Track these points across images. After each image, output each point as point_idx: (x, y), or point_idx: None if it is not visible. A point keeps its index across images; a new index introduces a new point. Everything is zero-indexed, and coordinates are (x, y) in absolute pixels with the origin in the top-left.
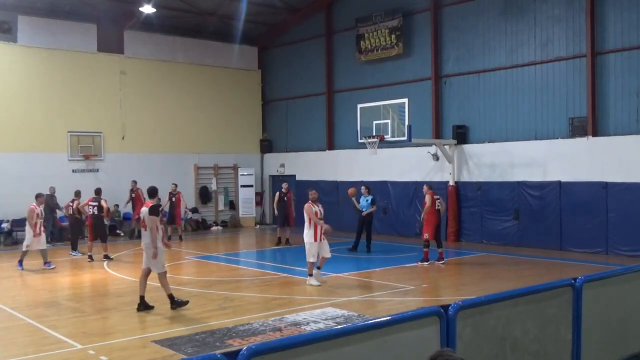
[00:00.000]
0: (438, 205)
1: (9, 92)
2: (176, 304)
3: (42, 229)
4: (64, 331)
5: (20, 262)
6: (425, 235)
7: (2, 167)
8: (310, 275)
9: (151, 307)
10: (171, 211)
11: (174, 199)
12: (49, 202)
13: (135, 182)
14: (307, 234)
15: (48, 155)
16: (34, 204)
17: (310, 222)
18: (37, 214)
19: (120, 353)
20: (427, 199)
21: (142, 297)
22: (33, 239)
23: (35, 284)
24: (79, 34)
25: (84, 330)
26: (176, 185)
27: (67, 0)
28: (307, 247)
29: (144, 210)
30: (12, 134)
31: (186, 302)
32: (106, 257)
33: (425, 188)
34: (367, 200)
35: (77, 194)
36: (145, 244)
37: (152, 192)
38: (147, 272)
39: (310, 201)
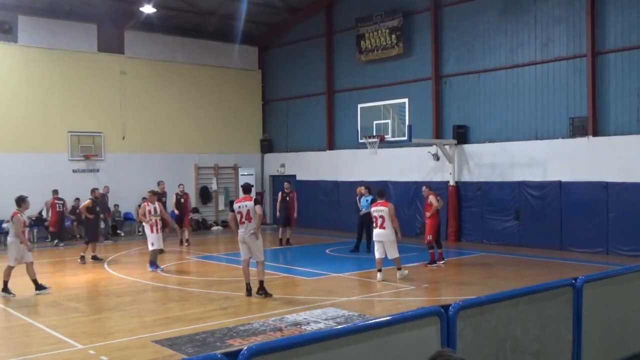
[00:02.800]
0: (439, 205)
1: (9, 92)
2: (264, 292)
3: (159, 227)
4: (64, 331)
5: (152, 264)
6: (429, 237)
7: (2, 167)
8: (400, 269)
9: (251, 294)
10: (181, 213)
11: (182, 200)
12: (101, 201)
13: (182, 186)
14: (391, 233)
15: (48, 155)
16: (147, 201)
17: (392, 222)
18: (150, 211)
19: (120, 353)
20: (432, 199)
21: (248, 284)
22: (155, 235)
23: None
24: (79, 34)
25: (84, 330)
26: (183, 186)
27: (67, 0)
28: (393, 244)
29: (249, 204)
30: (12, 134)
31: (270, 295)
32: (82, 258)
33: (426, 190)
34: (367, 200)
35: (93, 191)
36: (250, 235)
37: (249, 188)
38: (249, 262)
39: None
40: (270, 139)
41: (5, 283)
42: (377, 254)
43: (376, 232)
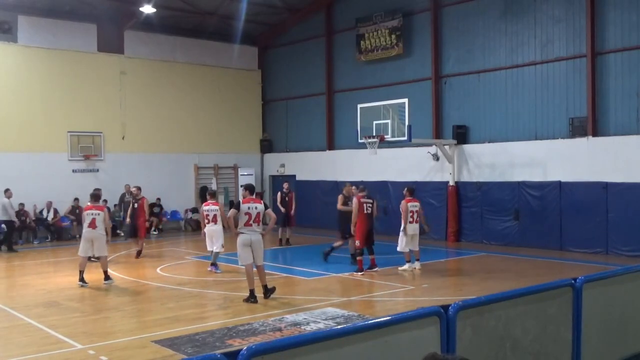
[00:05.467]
0: (367, 209)
1: (9, 92)
2: (270, 291)
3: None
4: (64, 331)
5: (215, 265)
6: (357, 243)
7: (2, 167)
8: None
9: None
10: (133, 220)
11: (136, 205)
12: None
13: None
14: None
15: (48, 155)
16: (216, 201)
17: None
18: (223, 213)
19: (120, 353)
20: (354, 202)
21: (253, 291)
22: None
23: (35, 284)
24: (79, 34)
25: (84, 330)
26: (139, 189)
27: (67, 0)
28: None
29: (259, 206)
30: (12, 134)
31: (274, 288)
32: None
33: (353, 189)
34: None
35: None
36: (257, 238)
37: (253, 188)
38: (252, 266)
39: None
40: (270, 139)
41: (106, 272)
42: (410, 247)
43: (414, 226)
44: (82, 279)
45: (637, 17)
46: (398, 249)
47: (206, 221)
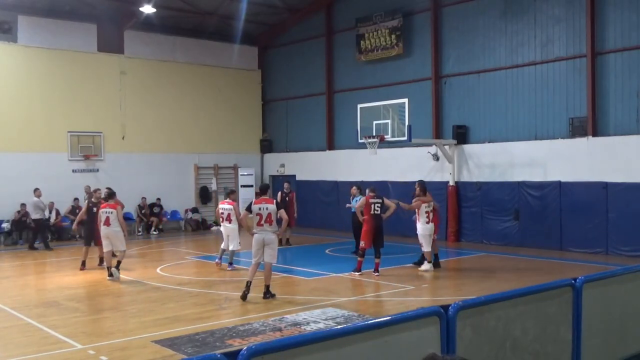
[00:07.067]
0: (376, 210)
1: (9, 92)
2: (269, 294)
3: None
4: (64, 331)
5: (231, 264)
6: (362, 244)
7: (2, 167)
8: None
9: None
10: (90, 225)
11: (95, 208)
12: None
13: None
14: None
15: (48, 155)
16: (231, 200)
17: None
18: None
19: (120, 353)
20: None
21: (249, 283)
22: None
23: (35, 284)
24: (79, 34)
25: (84, 330)
26: (89, 187)
27: (67, 0)
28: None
29: (270, 206)
30: (12, 134)
31: (274, 295)
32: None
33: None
34: (356, 201)
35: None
36: (270, 238)
37: (266, 188)
38: (258, 264)
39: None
40: (270, 139)
41: (119, 263)
42: (430, 247)
43: (431, 226)
44: (110, 274)
45: (637, 17)
46: (423, 249)
47: (220, 220)
